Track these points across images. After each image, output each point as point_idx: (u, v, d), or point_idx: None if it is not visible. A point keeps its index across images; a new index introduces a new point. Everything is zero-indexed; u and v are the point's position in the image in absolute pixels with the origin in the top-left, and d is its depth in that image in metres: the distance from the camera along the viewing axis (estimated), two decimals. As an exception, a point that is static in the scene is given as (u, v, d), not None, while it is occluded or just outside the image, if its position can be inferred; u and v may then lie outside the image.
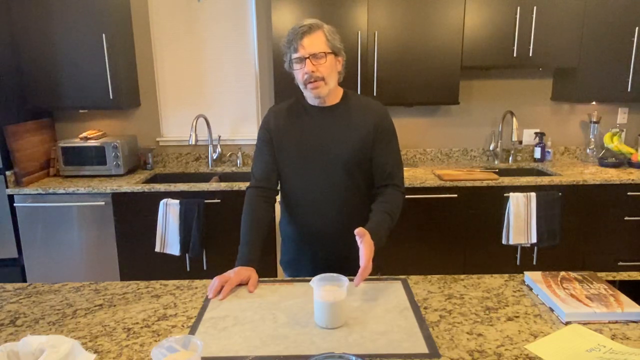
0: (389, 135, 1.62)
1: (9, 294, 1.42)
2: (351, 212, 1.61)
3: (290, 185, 1.65)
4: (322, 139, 1.58)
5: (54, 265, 3.01)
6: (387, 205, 1.56)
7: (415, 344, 1.11)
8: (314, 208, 1.61)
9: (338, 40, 1.54)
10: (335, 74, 1.56)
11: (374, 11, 2.97)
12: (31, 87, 3.09)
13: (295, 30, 1.50)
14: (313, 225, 1.63)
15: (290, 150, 1.60)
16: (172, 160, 3.56)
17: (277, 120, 1.64)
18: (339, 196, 1.59)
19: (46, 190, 2.90)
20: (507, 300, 1.33)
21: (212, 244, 2.98)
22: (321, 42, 1.50)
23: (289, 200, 1.67)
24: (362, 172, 1.61)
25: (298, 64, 1.51)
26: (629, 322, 1.19)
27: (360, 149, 1.58)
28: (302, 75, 1.52)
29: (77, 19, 2.98)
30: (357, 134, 1.57)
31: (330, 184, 1.58)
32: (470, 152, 3.57)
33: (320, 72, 1.50)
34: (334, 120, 1.59)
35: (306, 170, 1.59)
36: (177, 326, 1.22)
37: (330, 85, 1.54)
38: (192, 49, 3.40)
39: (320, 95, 1.54)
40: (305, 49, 1.48)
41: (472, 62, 3.06)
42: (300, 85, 1.56)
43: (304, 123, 1.61)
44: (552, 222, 2.87)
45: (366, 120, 1.59)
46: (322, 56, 1.49)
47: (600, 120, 3.42)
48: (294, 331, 1.18)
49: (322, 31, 1.51)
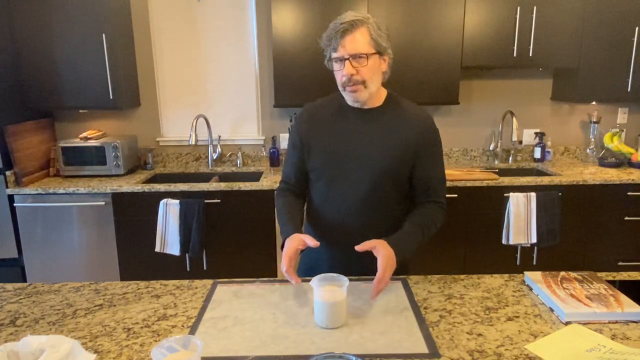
0: (435, 148, 1.48)
1: (9, 294, 1.42)
2: (377, 226, 1.47)
3: (316, 190, 1.54)
4: (357, 144, 1.44)
5: (54, 265, 3.01)
6: (420, 219, 1.45)
7: (415, 344, 1.11)
8: (338, 217, 1.49)
9: (384, 37, 1.38)
10: (379, 76, 1.42)
11: (374, 11, 2.97)
12: (31, 87, 3.09)
13: (337, 26, 1.34)
14: (335, 234, 1.51)
15: (321, 152, 1.48)
16: (172, 160, 3.56)
17: (311, 121, 1.52)
18: (365, 208, 1.46)
19: (46, 190, 2.90)
20: (507, 300, 1.33)
21: (212, 244, 2.98)
22: (364, 42, 1.34)
23: (314, 205, 1.56)
24: (395, 185, 1.47)
25: (337, 64, 1.37)
26: (629, 322, 1.19)
27: (398, 160, 1.43)
28: (340, 77, 1.38)
29: (77, 19, 2.98)
30: (398, 142, 1.43)
31: (357, 193, 1.45)
32: (470, 152, 3.57)
33: (361, 75, 1.36)
34: (373, 125, 1.45)
35: (333, 176, 1.47)
36: (177, 326, 1.22)
37: (372, 88, 1.41)
38: (192, 49, 3.40)
39: (359, 99, 1.41)
40: (345, 49, 1.33)
41: (472, 62, 3.06)
42: (339, 87, 1.43)
43: (339, 125, 1.47)
44: (552, 222, 2.87)
45: (410, 128, 1.44)
46: (364, 57, 1.34)
47: (600, 120, 3.42)
48: (294, 331, 1.18)
49: (366, 28, 1.34)
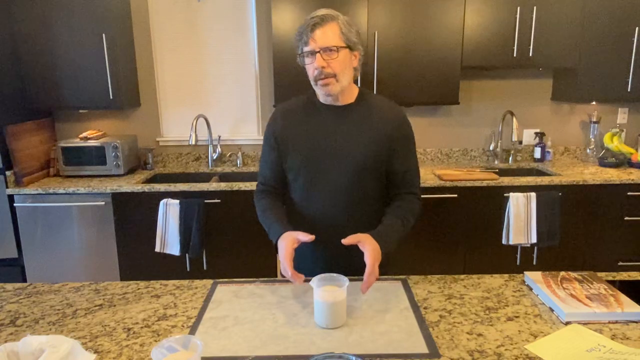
0: (409, 140, 1.53)
1: (9, 294, 1.42)
2: (358, 220, 1.50)
3: (295, 189, 1.55)
4: (333, 140, 1.47)
5: (54, 265, 3.01)
6: (400, 211, 1.48)
7: (415, 344, 1.11)
8: (319, 214, 1.51)
9: (355, 34, 1.41)
10: (350, 71, 1.44)
11: (374, 11, 2.97)
12: (31, 87, 3.09)
13: (307, 21, 1.38)
14: (317, 232, 1.47)
15: (298, 152, 1.50)
16: (172, 160, 3.56)
17: (285, 120, 1.54)
18: (345, 203, 1.49)
19: (46, 190, 2.90)
20: (507, 300, 1.33)
21: (212, 244, 2.98)
22: (334, 35, 1.37)
23: (293, 204, 1.58)
24: (373, 179, 1.51)
25: (309, 58, 1.40)
26: (629, 322, 1.19)
27: (375, 154, 1.47)
28: (312, 71, 1.41)
29: (77, 19, 2.98)
30: (372, 137, 1.46)
31: (337, 190, 1.48)
32: (470, 152, 3.57)
33: (331, 67, 1.38)
34: (347, 122, 1.48)
35: (312, 174, 1.49)
36: (177, 326, 1.22)
37: (343, 82, 1.42)
38: (192, 49, 3.40)
39: (331, 93, 1.43)
40: (316, 42, 1.36)
41: (472, 62, 3.06)
42: (311, 82, 1.45)
43: (314, 123, 1.50)
44: (552, 222, 2.87)
45: (384, 123, 1.48)
46: (334, 50, 1.37)
47: (600, 120, 3.42)
48: (294, 331, 1.18)
49: (336, 23, 1.38)
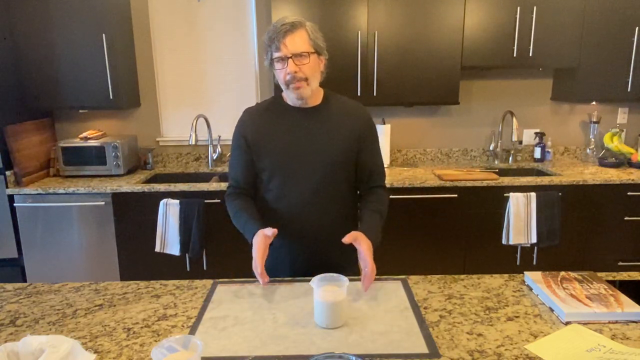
0: (375, 137, 1.62)
1: (9, 294, 1.42)
2: (332, 215, 1.56)
3: (269, 189, 1.58)
4: (304, 141, 1.52)
5: (54, 265, 3.01)
6: (377, 205, 1.56)
7: (415, 344, 1.11)
8: (295, 212, 1.55)
9: (321, 39, 1.49)
10: (318, 74, 1.51)
11: (374, 11, 2.97)
12: (31, 87, 3.09)
13: (277, 28, 1.43)
14: (293, 230, 1.56)
15: (270, 153, 1.54)
16: (172, 160, 3.56)
17: (254, 123, 1.57)
18: (320, 200, 1.54)
19: (46, 190, 2.90)
20: (507, 300, 1.33)
21: (212, 244, 2.98)
22: (304, 41, 1.44)
23: (267, 204, 1.59)
24: (344, 175, 1.57)
25: (279, 64, 1.45)
26: (629, 322, 1.19)
27: (345, 151, 1.54)
28: (284, 76, 1.46)
29: (77, 19, 2.98)
30: (341, 135, 1.54)
31: (311, 187, 1.53)
32: (470, 152, 3.57)
33: (303, 72, 1.44)
34: (316, 122, 1.54)
35: (287, 173, 1.53)
36: (177, 326, 1.22)
37: (313, 85, 1.49)
38: (192, 49, 3.39)
39: (303, 96, 1.49)
40: (287, 48, 1.42)
41: (472, 62, 3.06)
42: (282, 86, 1.51)
43: (284, 125, 1.55)
44: (552, 222, 2.87)
45: (350, 122, 1.56)
46: (305, 56, 1.44)
47: (600, 120, 3.42)
48: (294, 331, 1.18)
49: (304, 29, 1.45)
